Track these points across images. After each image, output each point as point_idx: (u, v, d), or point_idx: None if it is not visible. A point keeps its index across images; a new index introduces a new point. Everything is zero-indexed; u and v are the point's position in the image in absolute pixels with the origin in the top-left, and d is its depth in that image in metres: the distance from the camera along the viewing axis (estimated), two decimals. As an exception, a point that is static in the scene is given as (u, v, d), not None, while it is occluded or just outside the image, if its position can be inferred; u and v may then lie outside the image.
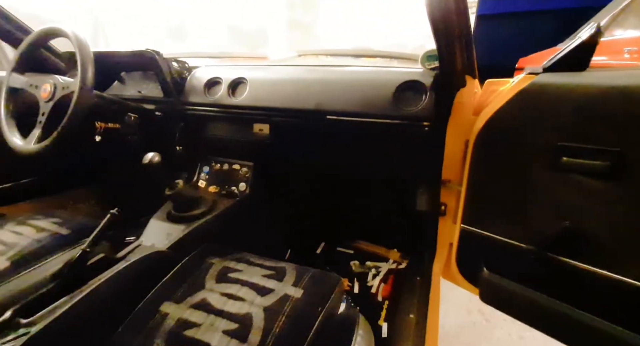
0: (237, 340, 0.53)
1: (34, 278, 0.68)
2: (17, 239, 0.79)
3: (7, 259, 0.72)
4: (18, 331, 0.57)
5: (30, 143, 0.81)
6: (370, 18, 4.01)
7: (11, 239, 0.79)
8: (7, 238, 0.79)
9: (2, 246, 0.76)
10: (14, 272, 0.69)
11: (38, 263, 0.71)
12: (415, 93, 0.79)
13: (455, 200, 0.85)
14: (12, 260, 0.72)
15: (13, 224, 0.85)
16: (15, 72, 0.88)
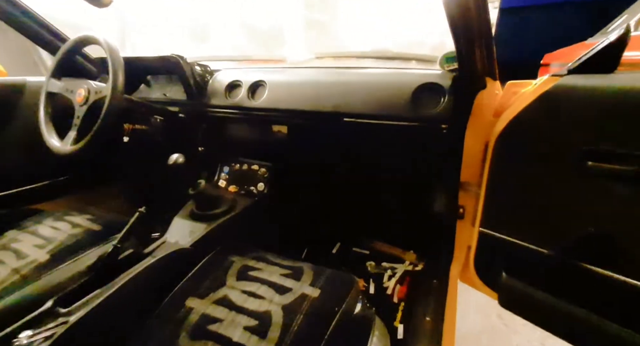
0: (257, 336, 0.55)
1: (71, 271, 0.73)
2: (55, 234, 0.85)
3: (47, 252, 0.78)
4: (58, 319, 0.62)
5: (67, 145, 0.86)
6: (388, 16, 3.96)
7: (50, 234, 0.85)
8: (46, 232, 0.85)
9: (42, 240, 0.83)
10: (53, 265, 0.74)
11: (74, 257, 0.76)
12: (433, 96, 0.79)
13: (474, 202, 0.84)
14: (51, 254, 0.78)
15: (51, 220, 0.91)
16: (53, 78, 0.94)
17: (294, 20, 3.29)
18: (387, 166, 1.03)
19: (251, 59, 1.41)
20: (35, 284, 0.69)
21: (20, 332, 0.58)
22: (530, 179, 0.64)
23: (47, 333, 0.59)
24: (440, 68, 0.82)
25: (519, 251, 0.68)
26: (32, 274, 0.72)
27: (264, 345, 0.54)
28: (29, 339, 0.57)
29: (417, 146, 0.88)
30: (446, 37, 1.25)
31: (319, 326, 0.56)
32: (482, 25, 0.63)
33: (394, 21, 4.06)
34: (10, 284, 0.70)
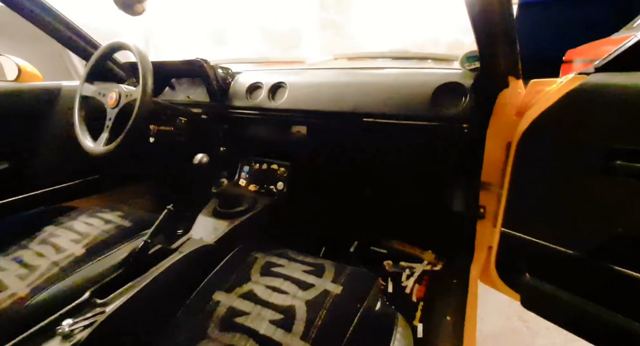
0: (283, 330, 0.57)
1: (106, 264, 0.77)
2: (89, 229, 0.90)
3: (83, 247, 0.83)
4: (95, 309, 0.67)
5: (100, 146, 0.91)
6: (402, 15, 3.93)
7: (84, 229, 0.90)
8: (81, 228, 0.91)
9: (77, 235, 0.88)
10: (89, 258, 0.79)
11: (108, 251, 0.81)
12: (454, 95, 0.79)
13: (495, 202, 0.83)
14: (86, 248, 0.83)
15: (84, 216, 0.97)
16: (87, 82, 0.99)
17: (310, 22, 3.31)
18: (405, 166, 1.03)
19: (270, 60, 1.44)
20: (74, 276, 0.74)
21: (62, 320, 0.62)
22: (555, 179, 0.63)
23: (86, 322, 0.63)
24: (461, 67, 0.82)
25: (543, 252, 0.67)
26: (70, 267, 0.77)
27: (290, 338, 0.55)
28: (71, 327, 0.61)
29: (437, 146, 0.88)
30: (462, 34, 1.25)
31: (342, 322, 0.58)
32: (505, 23, 0.63)
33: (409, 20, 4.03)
34: (51, 276, 0.74)
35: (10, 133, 1.00)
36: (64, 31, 1.08)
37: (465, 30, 0.70)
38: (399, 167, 1.05)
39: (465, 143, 0.81)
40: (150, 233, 0.80)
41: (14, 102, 1.01)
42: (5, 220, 0.98)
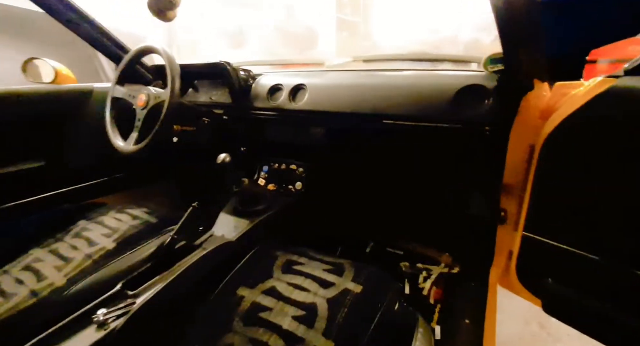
0: (305, 326, 0.59)
1: (135, 258, 0.81)
2: (119, 225, 0.95)
3: (113, 240, 0.88)
4: (127, 300, 0.70)
5: (130, 145, 0.96)
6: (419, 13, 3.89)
7: (114, 224, 0.95)
8: (111, 223, 0.95)
9: (108, 230, 0.93)
10: (119, 252, 0.83)
11: (137, 246, 0.85)
12: (477, 97, 0.78)
13: (517, 206, 0.82)
14: (117, 242, 0.87)
15: (113, 212, 1.01)
16: (118, 84, 1.04)
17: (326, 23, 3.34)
18: (423, 168, 1.03)
19: (289, 62, 1.47)
20: (106, 269, 0.78)
21: (97, 310, 0.66)
22: (581, 183, 0.62)
23: (118, 312, 0.67)
24: (484, 69, 0.82)
25: (567, 256, 0.66)
26: (102, 260, 0.81)
27: (312, 334, 0.57)
28: (105, 316, 0.65)
29: (458, 148, 0.88)
30: (480, 34, 1.23)
31: (363, 320, 0.59)
32: (532, 24, 0.63)
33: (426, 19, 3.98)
34: (85, 267, 0.79)
35: (46, 132, 1.07)
36: (97, 35, 1.13)
37: (483, 29, 0.69)
38: (416, 168, 1.05)
39: (487, 145, 0.80)
40: (176, 230, 0.84)
41: (50, 103, 1.07)
42: (42, 214, 1.04)
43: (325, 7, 3.52)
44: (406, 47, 3.46)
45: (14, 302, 0.69)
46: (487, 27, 3.86)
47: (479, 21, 3.80)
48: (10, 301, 0.69)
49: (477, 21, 3.73)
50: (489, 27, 3.79)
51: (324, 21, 3.44)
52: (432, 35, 3.92)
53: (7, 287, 0.73)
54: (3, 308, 0.68)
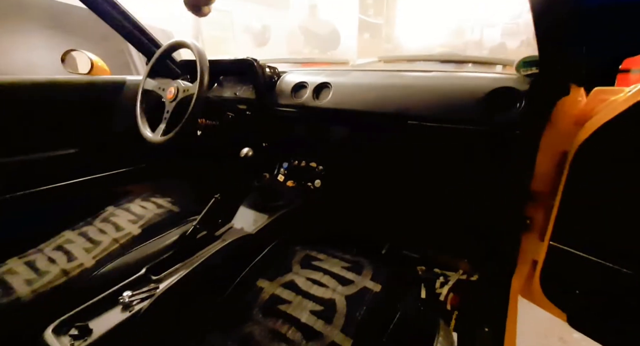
0: (323, 321, 0.59)
1: (159, 245, 0.84)
2: (144, 212, 0.98)
3: (139, 227, 0.91)
4: (150, 284, 0.73)
5: (158, 136, 0.99)
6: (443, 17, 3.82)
7: (140, 211, 0.99)
8: (137, 210, 0.99)
9: (134, 216, 0.96)
10: (145, 238, 0.86)
11: (161, 233, 0.88)
12: (508, 101, 0.76)
13: (544, 214, 0.80)
14: (142, 228, 0.90)
15: (139, 200, 1.05)
16: (149, 77, 1.08)
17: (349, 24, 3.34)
18: (447, 170, 1.02)
19: (314, 61, 1.48)
20: (132, 253, 0.81)
21: (123, 292, 0.69)
22: (617, 193, 0.60)
23: (143, 295, 0.69)
24: (516, 72, 0.80)
25: (598, 270, 0.63)
26: (128, 244, 0.85)
27: (330, 330, 0.57)
28: (130, 298, 0.67)
29: (484, 152, 0.86)
30: (507, 38, 1.18)
31: (383, 320, 0.59)
32: (572, 27, 0.61)
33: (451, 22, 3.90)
34: (112, 251, 0.82)
35: (81, 121, 1.12)
36: (131, 29, 1.18)
37: (510, 34, 0.67)
38: (439, 171, 1.03)
39: (516, 150, 0.78)
40: (199, 220, 0.86)
41: (86, 93, 1.13)
42: (74, 198, 1.09)
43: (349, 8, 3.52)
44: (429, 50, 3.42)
45: (47, 279, 0.73)
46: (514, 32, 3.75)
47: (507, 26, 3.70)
48: (43, 278, 0.73)
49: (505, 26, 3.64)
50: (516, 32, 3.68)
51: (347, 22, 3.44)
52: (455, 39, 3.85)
53: (41, 265, 0.77)
54: (37, 284, 0.72)
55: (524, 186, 0.80)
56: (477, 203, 1.03)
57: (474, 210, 1.06)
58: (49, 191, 1.04)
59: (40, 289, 0.71)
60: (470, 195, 1.04)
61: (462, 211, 1.11)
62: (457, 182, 1.02)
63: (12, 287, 0.71)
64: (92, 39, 1.52)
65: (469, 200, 1.05)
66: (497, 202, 0.97)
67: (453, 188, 1.06)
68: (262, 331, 0.59)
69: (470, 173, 0.96)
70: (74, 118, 1.10)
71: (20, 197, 0.99)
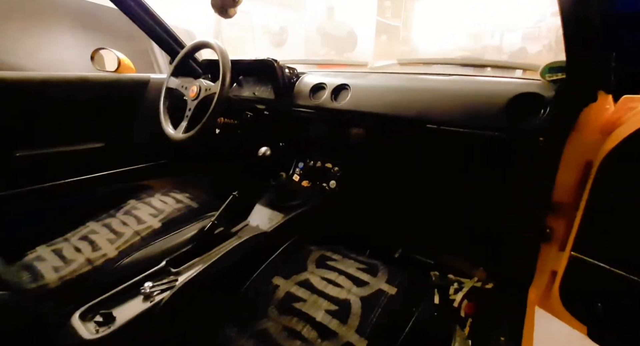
0: (338, 321, 0.60)
1: (178, 239, 0.87)
2: (164, 206, 1.01)
3: (159, 220, 0.94)
4: (170, 277, 0.75)
5: (180, 133, 1.02)
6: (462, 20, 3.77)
7: (160, 206, 1.02)
8: (157, 204, 1.02)
9: (154, 210, 0.99)
10: (164, 232, 0.89)
11: (180, 227, 0.90)
12: (531, 107, 0.75)
13: (565, 225, 0.78)
14: (162, 222, 0.93)
15: (160, 194, 1.08)
16: (173, 76, 1.11)
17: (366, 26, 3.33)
18: (464, 176, 1.01)
19: (333, 62, 1.49)
20: (152, 246, 0.84)
21: (144, 282, 0.71)
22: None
23: (162, 286, 0.72)
24: (541, 78, 0.78)
25: (623, 283, 0.61)
26: (149, 237, 0.88)
27: (345, 330, 0.58)
28: (151, 289, 0.70)
29: (505, 158, 0.85)
30: (528, 43, 1.15)
31: (397, 323, 0.59)
32: (603, 32, 0.59)
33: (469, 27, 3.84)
34: (134, 243, 0.85)
35: (107, 116, 1.16)
36: (157, 29, 1.22)
37: (531, 39, 0.66)
38: (457, 177, 1.02)
39: (538, 158, 0.77)
40: (217, 216, 0.88)
41: (113, 90, 1.17)
42: (99, 191, 1.13)
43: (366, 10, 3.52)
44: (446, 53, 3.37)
45: (73, 268, 0.77)
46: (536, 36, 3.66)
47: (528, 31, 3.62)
48: (70, 266, 0.77)
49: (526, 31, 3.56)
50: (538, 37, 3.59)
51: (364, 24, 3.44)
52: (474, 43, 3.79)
53: (68, 253, 0.81)
54: (64, 271, 0.75)
55: (545, 195, 0.79)
56: (495, 211, 1.01)
57: (491, 217, 1.04)
58: (76, 183, 1.08)
59: (66, 276, 0.74)
60: (487, 202, 1.02)
61: (478, 218, 1.09)
62: (474, 188, 1.01)
63: (41, 273, 0.74)
64: (119, 38, 1.58)
65: (486, 207, 1.04)
66: (516, 210, 0.95)
67: (469, 195, 1.05)
68: (277, 327, 0.60)
69: (489, 180, 0.95)
70: (101, 113, 1.15)
71: (49, 187, 1.03)
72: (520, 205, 0.94)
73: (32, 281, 0.72)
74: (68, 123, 1.08)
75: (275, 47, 3.09)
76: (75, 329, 0.59)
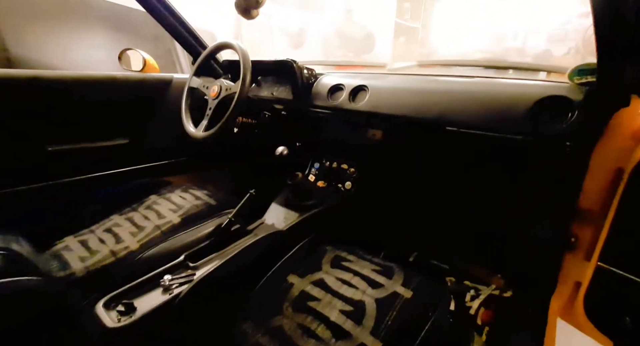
0: (353, 321, 0.60)
1: (196, 234, 0.89)
2: (183, 202, 1.04)
3: (179, 216, 0.96)
4: (188, 271, 0.77)
5: (200, 131, 1.04)
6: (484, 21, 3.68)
7: (179, 201, 1.04)
8: (177, 200, 1.05)
9: (174, 206, 1.02)
10: (183, 227, 0.91)
11: (198, 223, 0.92)
12: (558, 110, 0.73)
13: (592, 233, 0.74)
14: (182, 217, 0.96)
15: (179, 190, 1.11)
16: (195, 76, 1.14)
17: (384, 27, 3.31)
18: (483, 181, 0.98)
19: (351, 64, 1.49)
20: (172, 240, 0.86)
21: (164, 275, 0.73)
22: None
23: (181, 280, 0.74)
24: (569, 81, 0.75)
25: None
26: (169, 231, 0.90)
27: (360, 331, 0.58)
28: (170, 282, 0.72)
29: (528, 163, 0.82)
30: (553, 45, 1.11)
31: (413, 327, 0.58)
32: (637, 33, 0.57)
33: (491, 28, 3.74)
34: (154, 236, 0.88)
35: (132, 114, 1.21)
36: (180, 30, 1.25)
37: (557, 41, 0.63)
38: (475, 181, 1.00)
39: (564, 163, 0.74)
40: (234, 213, 0.90)
41: (138, 89, 1.21)
42: (123, 185, 1.18)
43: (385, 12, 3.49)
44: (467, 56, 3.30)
45: (97, 258, 0.80)
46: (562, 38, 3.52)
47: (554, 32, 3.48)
48: (94, 257, 0.80)
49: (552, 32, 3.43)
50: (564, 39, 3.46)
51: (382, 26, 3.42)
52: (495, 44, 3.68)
53: (93, 245, 0.84)
54: (90, 261, 0.78)
55: (571, 202, 0.76)
56: (516, 217, 0.98)
57: (511, 223, 1.01)
58: (101, 177, 1.13)
59: (91, 266, 0.78)
60: (508, 208, 1.00)
61: (497, 223, 1.06)
62: (494, 193, 0.99)
63: (69, 262, 0.78)
64: (145, 39, 1.64)
65: (507, 213, 1.01)
66: (539, 217, 0.92)
67: (489, 199, 1.02)
68: (292, 325, 0.60)
69: (509, 185, 0.92)
70: (127, 111, 1.19)
71: (77, 181, 1.08)
72: (544, 212, 0.91)
73: (60, 270, 0.76)
74: (96, 120, 1.12)
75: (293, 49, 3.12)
76: (99, 317, 0.62)
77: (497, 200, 1.01)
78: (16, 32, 1.32)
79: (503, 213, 1.02)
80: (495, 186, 0.96)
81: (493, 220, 1.06)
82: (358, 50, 2.91)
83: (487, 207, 1.05)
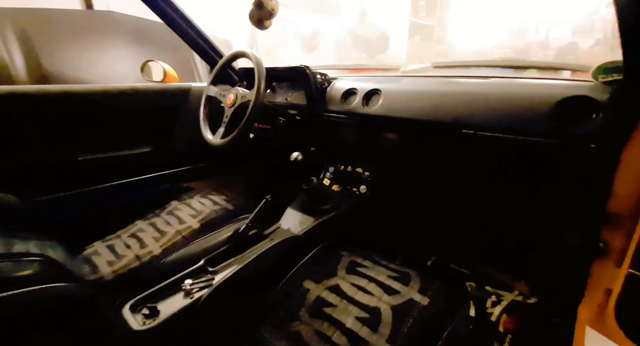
0: (368, 329, 0.60)
1: (216, 239, 0.91)
2: (202, 208, 1.07)
3: (198, 221, 1.00)
4: (207, 275, 0.79)
5: (217, 138, 1.07)
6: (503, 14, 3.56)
7: (199, 207, 1.08)
8: (196, 206, 1.08)
9: (194, 211, 1.06)
10: (203, 232, 0.94)
11: (217, 229, 0.95)
12: (583, 111, 0.69)
13: (623, 239, 0.70)
14: (201, 223, 0.99)
15: (199, 196, 1.15)
16: (212, 84, 1.18)
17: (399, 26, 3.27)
18: (505, 184, 0.95)
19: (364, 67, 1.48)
20: (192, 245, 0.90)
21: (185, 279, 0.76)
22: None
23: (201, 284, 0.76)
24: (593, 80, 0.72)
25: None
26: (189, 237, 0.93)
27: (376, 338, 0.57)
28: (191, 286, 0.75)
29: (551, 167, 0.79)
30: (579, 37, 1.06)
31: (430, 336, 0.57)
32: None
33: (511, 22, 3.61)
34: (176, 241, 0.92)
35: (154, 123, 1.26)
36: (197, 40, 1.30)
37: (583, 32, 0.60)
38: (494, 184, 0.97)
39: (591, 166, 0.71)
40: (251, 218, 0.92)
41: (159, 99, 1.27)
42: (146, 191, 1.23)
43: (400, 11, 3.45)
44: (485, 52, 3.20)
45: (124, 263, 0.84)
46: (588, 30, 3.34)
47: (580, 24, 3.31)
48: (121, 261, 0.84)
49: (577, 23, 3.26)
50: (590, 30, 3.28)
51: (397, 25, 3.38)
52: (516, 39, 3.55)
53: (119, 249, 0.89)
54: (117, 265, 0.83)
55: (600, 206, 0.72)
56: (540, 222, 0.94)
57: (537, 228, 0.97)
58: (126, 184, 1.19)
59: (119, 270, 0.82)
60: (531, 212, 0.96)
61: (520, 228, 1.03)
62: (516, 197, 0.95)
63: (98, 266, 0.82)
64: (164, 49, 1.71)
65: (530, 217, 0.97)
66: (565, 222, 0.88)
67: (511, 203, 0.99)
68: (308, 331, 0.61)
69: (533, 189, 0.88)
70: (149, 120, 1.25)
71: (103, 188, 1.14)
72: (571, 216, 0.87)
73: (91, 274, 0.80)
74: (121, 130, 1.18)
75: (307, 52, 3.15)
76: (126, 320, 0.65)
77: (519, 203, 0.97)
78: (49, 50, 1.42)
79: (526, 217, 0.98)
80: (516, 190, 0.92)
81: (515, 225, 1.02)
82: (372, 51, 2.90)
83: (509, 211, 1.02)
